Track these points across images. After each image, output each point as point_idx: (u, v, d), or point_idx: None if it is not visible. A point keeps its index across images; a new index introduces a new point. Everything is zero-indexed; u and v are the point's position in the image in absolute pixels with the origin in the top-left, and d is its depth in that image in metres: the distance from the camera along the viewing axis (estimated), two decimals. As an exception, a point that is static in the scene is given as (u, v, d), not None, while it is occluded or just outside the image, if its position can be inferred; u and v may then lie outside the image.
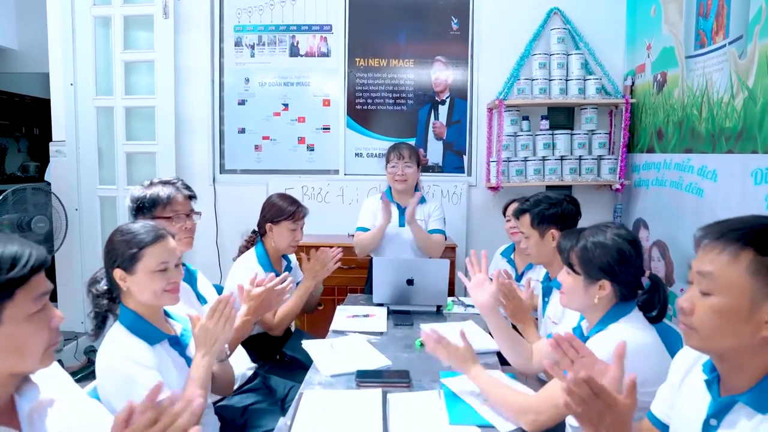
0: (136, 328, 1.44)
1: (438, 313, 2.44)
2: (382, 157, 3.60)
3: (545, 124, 3.41)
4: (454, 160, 3.67)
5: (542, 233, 1.96)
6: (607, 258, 1.39)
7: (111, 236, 1.49)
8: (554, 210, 1.93)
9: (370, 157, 3.69)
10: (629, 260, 1.39)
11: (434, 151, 3.66)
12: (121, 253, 1.43)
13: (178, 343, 1.54)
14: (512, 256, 2.67)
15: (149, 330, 1.46)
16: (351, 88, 3.65)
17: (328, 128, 3.68)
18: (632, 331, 1.35)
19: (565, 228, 1.92)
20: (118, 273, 1.44)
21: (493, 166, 3.41)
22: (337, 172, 3.70)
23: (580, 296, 1.44)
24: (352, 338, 2.09)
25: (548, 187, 3.39)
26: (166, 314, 1.58)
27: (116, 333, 1.44)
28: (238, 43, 3.66)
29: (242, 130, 3.71)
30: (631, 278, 1.41)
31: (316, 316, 3.07)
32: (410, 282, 2.42)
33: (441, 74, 3.63)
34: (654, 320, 1.44)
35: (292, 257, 2.55)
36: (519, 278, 2.55)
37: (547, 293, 2.03)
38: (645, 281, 1.47)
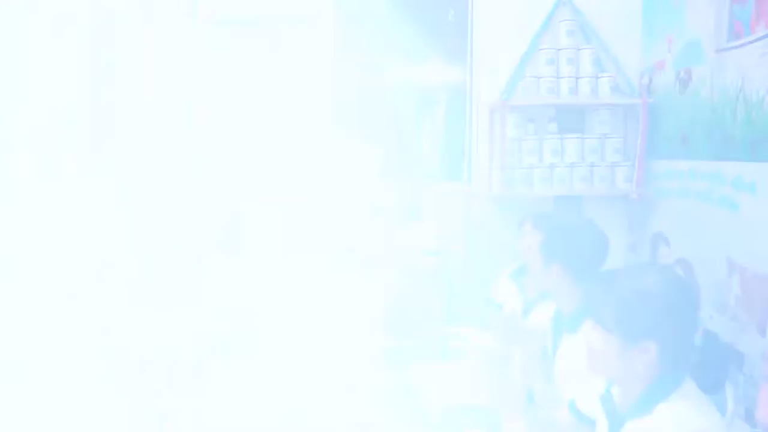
0: None
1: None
2: (371, 163, 3.34)
3: (553, 126, 3.17)
4: (452, 167, 3.40)
5: (546, 263, 1.66)
6: (653, 312, 1.04)
7: None
8: (571, 245, 1.62)
9: (358, 164, 3.40)
10: (681, 314, 1.04)
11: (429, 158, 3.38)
12: None
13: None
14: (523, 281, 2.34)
15: None
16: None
17: (312, 131, 3.38)
18: (688, 413, 1.00)
19: (575, 270, 1.61)
20: None
21: (495, 174, 3.15)
22: (321, 179, 3.40)
23: (614, 362, 1.08)
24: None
25: (557, 198, 3.13)
26: None
27: None
28: (212, 37, 3.37)
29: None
30: (683, 338, 1.06)
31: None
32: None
33: (436, 71, 3.34)
34: (709, 389, 1.10)
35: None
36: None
37: (557, 334, 1.69)
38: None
